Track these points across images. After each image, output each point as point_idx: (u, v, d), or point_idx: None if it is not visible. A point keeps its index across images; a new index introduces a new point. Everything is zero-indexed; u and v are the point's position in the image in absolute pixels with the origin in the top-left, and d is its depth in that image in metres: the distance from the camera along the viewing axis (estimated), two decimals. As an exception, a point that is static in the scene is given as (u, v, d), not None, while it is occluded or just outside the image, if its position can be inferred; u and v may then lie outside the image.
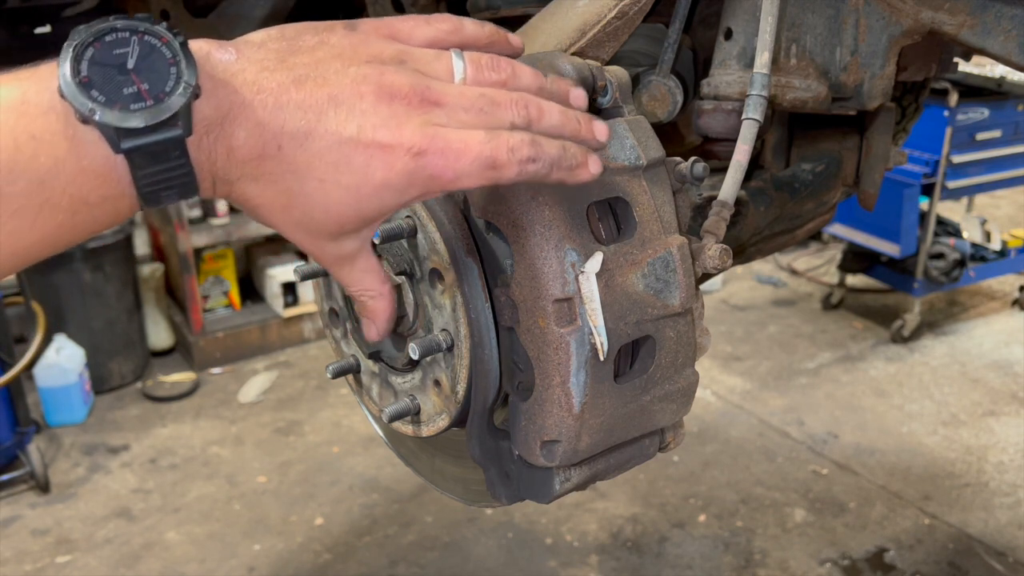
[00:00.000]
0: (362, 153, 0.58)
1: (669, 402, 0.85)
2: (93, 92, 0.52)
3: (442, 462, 1.04)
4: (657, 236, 0.81)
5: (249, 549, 3.31)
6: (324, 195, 0.59)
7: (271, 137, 0.57)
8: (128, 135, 0.53)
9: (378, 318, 0.74)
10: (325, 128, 0.58)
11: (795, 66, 1.11)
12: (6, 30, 1.70)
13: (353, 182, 0.59)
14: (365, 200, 0.60)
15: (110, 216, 0.56)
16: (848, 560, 3.26)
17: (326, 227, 0.62)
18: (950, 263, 4.73)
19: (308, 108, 0.58)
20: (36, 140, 0.51)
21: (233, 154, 0.57)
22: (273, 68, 0.59)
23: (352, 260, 0.68)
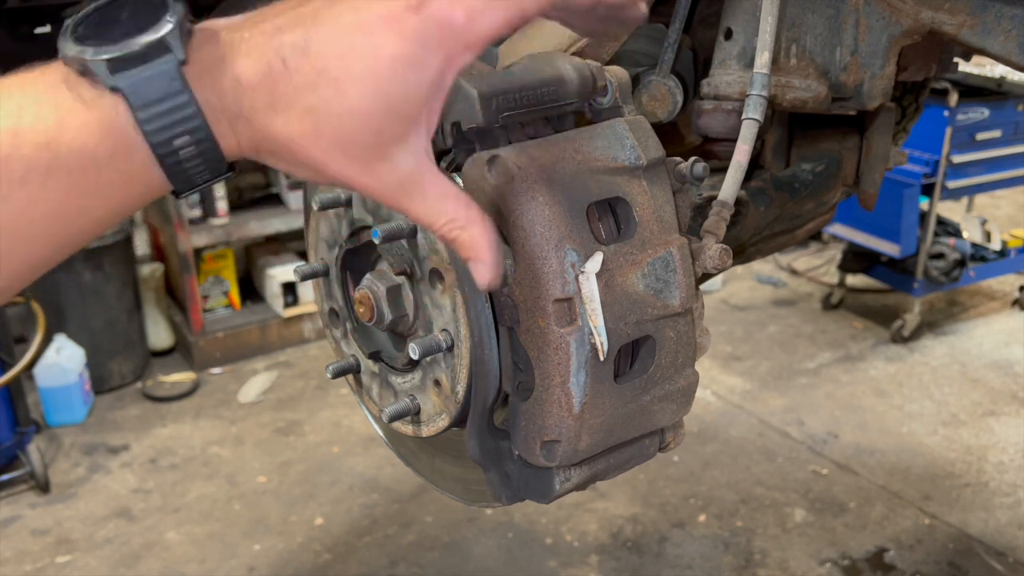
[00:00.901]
0: (363, 33, 0.53)
1: (669, 402, 0.85)
2: (87, 41, 0.51)
3: (442, 462, 1.04)
4: (657, 236, 0.81)
5: (249, 549, 3.31)
6: (343, 96, 0.54)
7: (273, 54, 0.53)
8: (119, 68, 0.51)
9: (481, 250, 0.61)
10: (322, 25, 0.54)
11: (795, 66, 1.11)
12: (6, 30, 1.70)
13: (367, 67, 0.53)
14: (385, 84, 0.54)
15: (126, 177, 0.53)
16: (848, 560, 3.26)
17: (364, 137, 0.55)
18: (950, 263, 4.73)
19: (302, 19, 0.54)
20: (39, 104, 0.51)
21: (240, 82, 0.53)
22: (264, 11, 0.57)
23: (419, 184, 0.58)
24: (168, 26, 0.51)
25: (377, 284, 0.92)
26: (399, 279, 0.92)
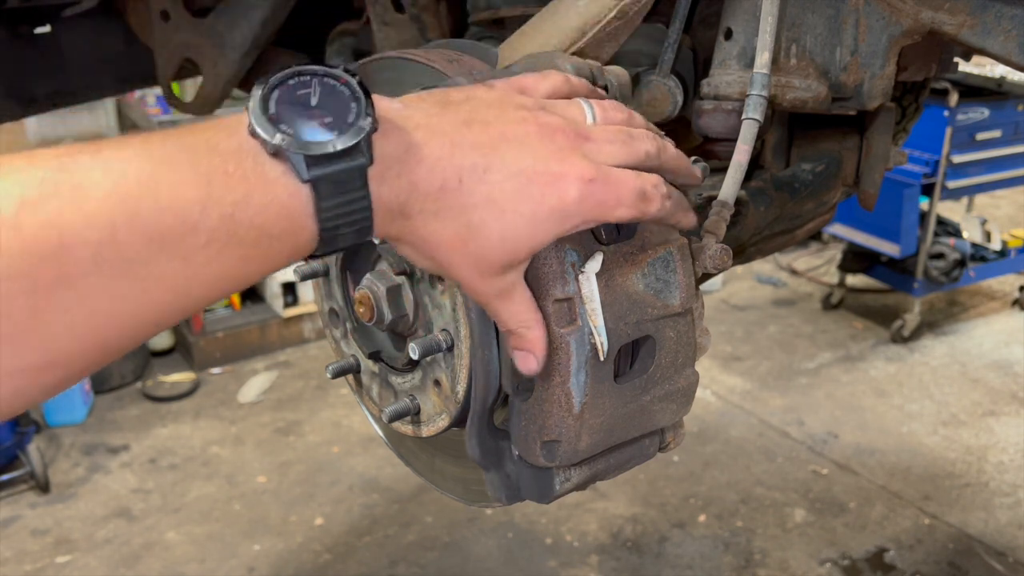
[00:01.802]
0: (538, 182, 0.62)
1: (669, 402, 0.85)
2: (281, 126, 0.55)
3: (442, 462, 1.04)
4: (657, 236, 0.81)
5: (249, 549, 3.31)
6: (503, 224, 0.62)
7: (452, 171, 0.60)
8: (315, 163, 0.55)
9: (537, 347, 0.72)
10: (501, 161, 0.62)
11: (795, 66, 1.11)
12: (6, 30, 1.70)
13: (531, 209, 0.63)
14: (540, 226, 0.64)
15: (288, 251, 0.57)
16: (848, 560, 3.26)
17: (499, 259, 0.65)
18: (950, 263, 4.73)
19: (482, 145, 0.62)
20: (228, 176, 0.54)
21: (416, 188, 0.60)
22: (439, 114, 0.62)
23: (511, 294, 0.69)
24: (364, 130, 0.56)
25: (377, 284, 0.92)
26: (399, 279, 0.92)
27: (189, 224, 0.52)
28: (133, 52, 1.81)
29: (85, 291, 0.50)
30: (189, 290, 0.54)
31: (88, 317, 0.50)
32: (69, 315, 0.50)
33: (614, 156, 0.67)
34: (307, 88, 0.58)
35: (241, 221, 0.54)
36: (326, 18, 1.62)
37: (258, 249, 0.55)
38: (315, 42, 1.66)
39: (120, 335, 0.53)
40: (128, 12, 1.70)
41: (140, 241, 0.50)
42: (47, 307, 0.49)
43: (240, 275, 0.56)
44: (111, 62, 1.85)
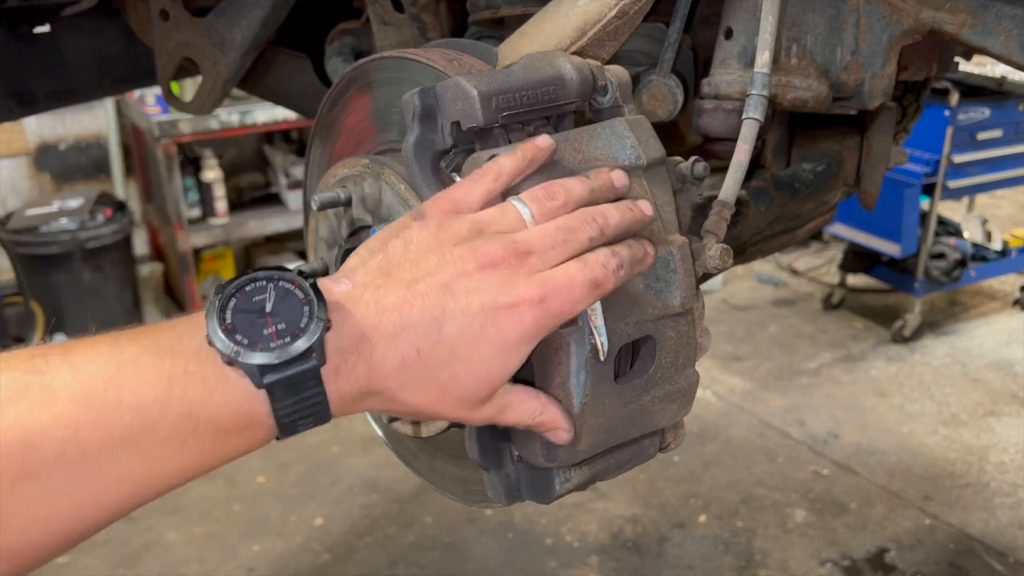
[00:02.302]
0: (492, 322, 0.65)
1: (669, 402, 0.84)
2: (237, 336, 0.58)
3: (442, 462, 1.04)
4: (657, 236, 0.80)
5: (248, 549, 3.31)
6: (473, 369, 0.66)
7: (408, 346, 0.63)
8: (268, 371, 0.58)
9: (559, 422, 0.75)
10: (452, 316, 0.64)
11: (796, 65, 1.11)
12: (6, 30, 1.70)
13: (493, 349, 0.66)
14: (508, 357, 0.67)
15: (246, 444, 0.61)
16: (849, 560, 3.26)
17: (480, 394, 0.68)
18: (951, 263, 4.72)
19: (430, 307, 0.64)
20: (187, 376, 0.57)
21: (374, 372, 0.63)
22: (383, 284, 0.65)
23: (506, 407, 0.72)
24: (315, 336, 0.59)
25: (376, 284, 0.92)
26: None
27: (149, 423, 0.55)
28: (133, 52, 1.81)
29: (47, 486, 0.52)
30: (148, 483, 0.57)
31: (50, 510, 0.53)
32: (31, 509, 0.52)
33: (558, 259, 0.69)
34: (262, 294, 0.61)
35: (199, 420, 0.57)
36: (326, 18, 1.62)
37: (215, 444, 0.58)
38: (315, 42, 1.66)
39: (82, 527, 0.55)
40: (128, 11, 1.70)
41: (102, 439, 0.53)
42: (10, 501, 0.51)
43: (198, 467, 0.59)
44: (111, 62, 1.85)
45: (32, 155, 5.05)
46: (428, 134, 0.80)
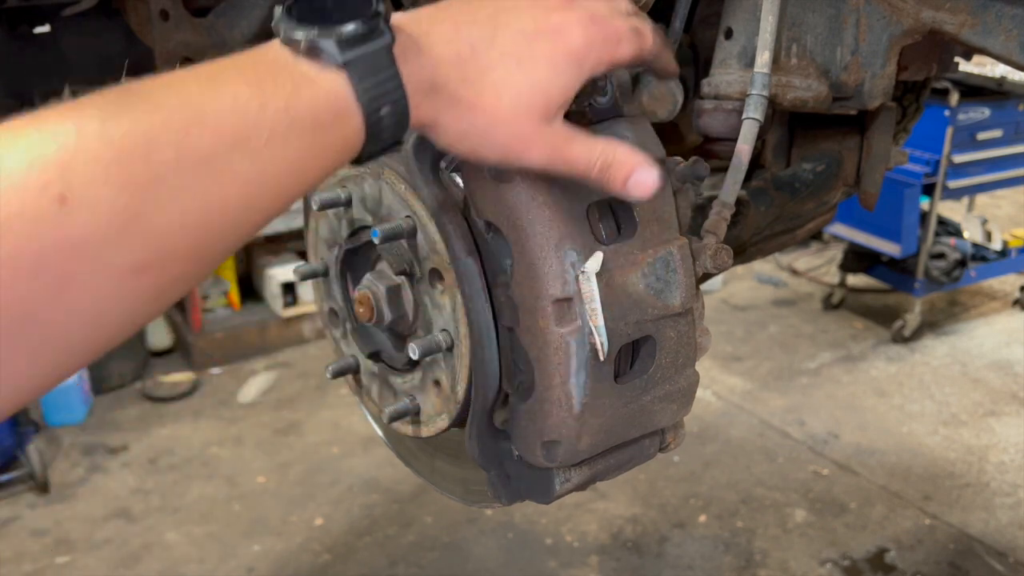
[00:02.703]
0: (543, 35, 0.69)
1: (669, 402, 0.84)
2: (310, 25, 0.62)
3: (442, 462, 1.04)
4: (657, 236, 0.80)
5: (249, 549, 3.31)
6: (526, 73, 0.68)
7: (463, 43, 0.67)
8: (346, 47, 0.61)
9: (636, 158, 0.72)
10: (504, 28, 0.68)
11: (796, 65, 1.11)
12: (6, 30, 1.70)
13: (545, 57, 0.69)
14: (561, 72, 0.69)
15: (340, 142, 0.62)
16: (848, 560, 3.25)
17: (537, 106, 0.69)
18: (951, 263, 4.72)
19: (481, 20, 0.68)
20: (275, 76, 0.60)
21: (437, 62, 0.66)
22: (436, 7, 0.69)
23: (571, 138, 0.72)
24: (381, 13, 0.63)
25: (377, 284, 0.92)
26: (399, 279, 0.92)
27: (250, 121, 0.57)
28: (133, 52, 1.81)
29: (173, 189, 0.54)
30: (262, 185, 0.59)
31: (179, 215, 0.55)
32: (161, 213, 0.54)
33: (602, 9, 0.73)
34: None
35: (296, 113, 0.59)
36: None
37: (315, 140, 0.60)
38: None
39: (209, 235, 0.57)
40: (128, 11, 1.70)
41: (212, 139, 0.56)
42: (141, 206, 0.53)
43: (302, 170, 0.61)
44: (111, 62, 1.85)
45: (32, 155, 5.05)
46: (428, 134, 0.80)
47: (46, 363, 0.53)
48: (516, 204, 0.75)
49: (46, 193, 0.50)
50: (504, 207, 0.76)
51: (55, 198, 0.50)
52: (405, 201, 0.87)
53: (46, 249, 0.49)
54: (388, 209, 0.90)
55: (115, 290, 0.53)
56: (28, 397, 0.55)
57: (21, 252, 0.49)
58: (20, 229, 0.49)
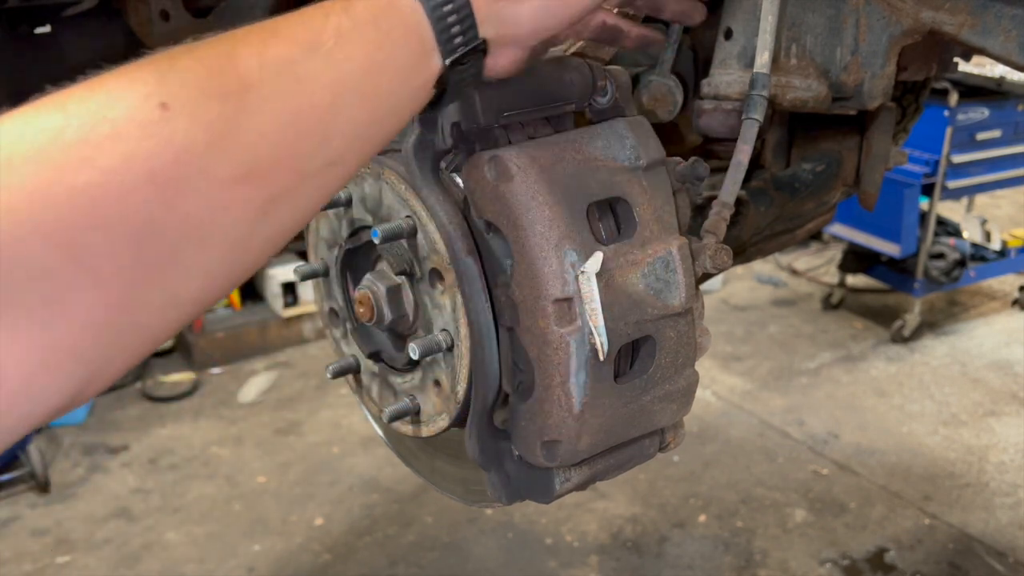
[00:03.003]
0: None
1: (669, 402, 0.85)
2: None
3: (442, 462, 1.04)
4: (657, 236, 0.81)
5: (249, 549, 3.31)
6: None
7: None
8: None
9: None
10: None
11: (795, 66, 1.11)
12: (6, 30, 1.70)
13: None
14: None
15: (403, 34, 0.64)
16: (848, 560, 3.26)
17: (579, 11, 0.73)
18: (950, 263, 4.73)
19: None
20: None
21: None
22: None
23: None
24: None
25: (377, 284, 0.92)
26: (399, 279, 0.92)
27: (317, 28, 0.61)
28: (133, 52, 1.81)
29: (262, 97, 0.57)
30: (342, 85, 0.61)
31: (270, 120, 0.57)
32: (254, 120, 0.56)
33: None
34: None
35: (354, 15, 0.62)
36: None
37: (378, 33, 0.63)
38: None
39: (301, 141, 0.59)
40: (128, 12, 1.70)
41: (287, 48, 0.59)
42: (235, 113, 0.55)
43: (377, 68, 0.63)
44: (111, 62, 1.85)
45: (32, 155, 5.05)
46: (428, 135, 0.80)
47: (165, 282, 0.55)
48: (516, 204, 0.75)
49: (149, 102, 0.53)
50: (504, 207, 0.76)
51: (157, 105, 0.53)
52: (405, 201, 0.87)
53: (156, 153, 0.52)
54: (388, 209, 0.90)
55: (221, 198, 0.55)
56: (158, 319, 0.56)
57: (136, 155, 0.51)
58: (132, 133, 0.51)
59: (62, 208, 0.49)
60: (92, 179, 0.50)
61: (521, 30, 0.72)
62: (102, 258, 0.50)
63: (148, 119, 0.52)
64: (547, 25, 0.73)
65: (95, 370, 0.54)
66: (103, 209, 0.50)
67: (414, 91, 0.67)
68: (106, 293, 0.52)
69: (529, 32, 0.73)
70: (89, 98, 0.53)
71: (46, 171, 0.49)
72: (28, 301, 0.49)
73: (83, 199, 0.49)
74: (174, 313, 0.57)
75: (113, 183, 0.50)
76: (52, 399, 0.53)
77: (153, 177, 0.51)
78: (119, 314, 0.53)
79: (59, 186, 0.49)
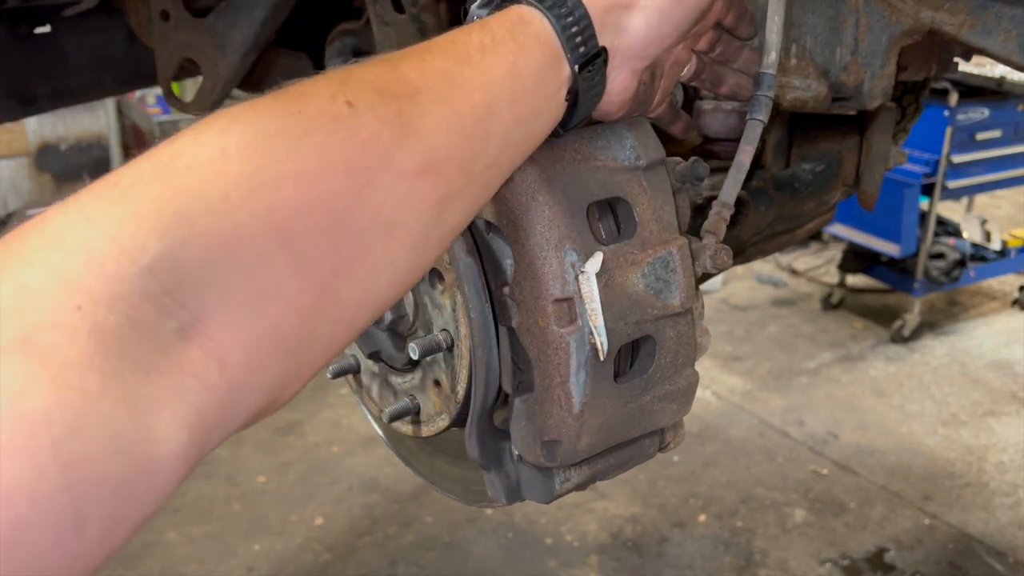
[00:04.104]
0: None
1: (669, 402, 0.85)
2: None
3: (442, 462, 1.04)
4: (657, 236, 0.81)
5: (249, 549, 3.31)
6: None
7: None
8: None
9: None
10: None
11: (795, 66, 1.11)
12: (6, 30, 1.70)
13: None
14: None
15: (536, 42, 0.70)
16: (848, 560, 3.26)
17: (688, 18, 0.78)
18: (950, 263, 4.73)
19: None
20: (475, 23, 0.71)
21: None
22: None
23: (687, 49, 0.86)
24: None
25: (377, 284, 0.92)
26: (399, 279, 0.92)
27: (464, 44, 0.67)
28: (133, 52, 1.81)
29: (429, 100, 0.62)
30: (493, 88, 0.66)
31: (440, 120, 0.62)
32: (426, 120, 0.61)
33: None
34: None
35: (493, 31, 0.69)
36: (326, 18, 1.62)
37: (514, 42, 0.69)
38: (315, 42, 1.66)
39: (466, 140, 0.64)
40: (128, 12, 1.70)
41: (443, 61, 0.65)
42: (410, 111, 0.61)
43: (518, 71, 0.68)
44: (111, 62, 1.85)
45: (33, 155, 5.05)
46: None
47: (359, 274, 0.58)
48: (516, 204, 0.75)
49: (336, 100, 0.58)
50: (504, 207, 0.76)
51: (344, 103, 0.58)
52: (405, 201, 0.87)
53: (348, 145, 0.57)
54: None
55: (405, 191, 0.59)
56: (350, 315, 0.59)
57: (331, 146, 0.56)
58: (324, 126, 0.56)
59: (273, 192, 0.53)
60: (295, 167, 0.54)
61: (633, 39, 0.75)
62: (307, 243, 0.54)
63: (338, 114, 0.57)
64: (658, 34, 0.76)
65: (296, 365, 0.58)
66: (306, 192, 0.54)
67: (550, 95, 0.71)
68: (311, 280, 0.55)
69: (641, 43, 0.76)
70: (285, 98, 0.58)
71: (257, 159, 0.53)
72: (245, 287, 0.51)
73: (290, 184, 0.53)
74: (364, 310, 0.61)
75: (312, 170, 0.54)
76: (261, 395, 0.55)
77: (346, 166, 0.56)
78: (320, 305, 0.56)
79: (266, 173, 0.53)
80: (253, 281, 0.51)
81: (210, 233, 0.49)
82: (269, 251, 0.52)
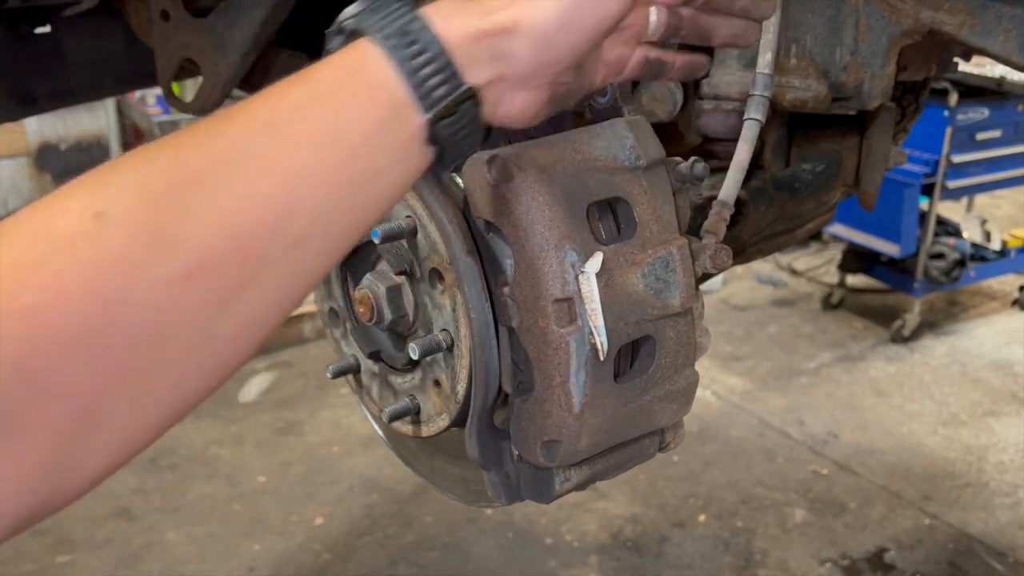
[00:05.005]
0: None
1: (669, 402, 0.85)
2: None
3: (442, 462, 1.04)
4: (657, 236, 0.81)
5: (249, 549, 3.31)
6: None
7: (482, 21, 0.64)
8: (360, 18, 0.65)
9: None
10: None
11: (795, 66, 1.11)
12: (6, 30, 1.70)
13: None
14: None
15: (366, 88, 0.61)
16: (848, 560, 3.26)
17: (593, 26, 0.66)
18: (950, 263, 4.73)
19: None
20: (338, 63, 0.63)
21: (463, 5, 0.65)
22: None
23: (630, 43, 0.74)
24: None
25: (377, 284, 0.92)
26: (399, 279, 0.92)
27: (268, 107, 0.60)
28: (133, 52, 1.81)
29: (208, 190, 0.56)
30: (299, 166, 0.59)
31: (219, 214, 0.56)
32: (198, 216, 0.55)
33: None
34: None
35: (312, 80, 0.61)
36: (326, 18, 1.62)
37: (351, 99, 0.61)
38: (315, 42, 1.66)
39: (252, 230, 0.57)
40: (128, 12, 1.70)
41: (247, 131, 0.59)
42: (175, 214, 0.54)
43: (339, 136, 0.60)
44: (111, 62, 1.85)
45: (33, 155, 5.05)
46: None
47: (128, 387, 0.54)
48: (516, 204, 0.75)
49: (85, 213, 0.53)
50: (504, 207, 0.76)
51: (92, 216, 0.53)
52: (405, 201, 0.87)
53: (94, 264, 0.52)
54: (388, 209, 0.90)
55: (167, 300, 0.54)
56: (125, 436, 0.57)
57: (69, 269, 0.51)
58: (65, 248, 0.52)
59: (7, 331, 0.49)
60: (29, 300, 0.50)
61: (521, 66, 0.65)
62: (53, 374, 0.51)
63: (83, 230, 0.52)
64: (552, 57, 0.65)
65: (50, 493, 0.57)
66: (46, 328, 0.50)
67: (395, 153, 0.62)
68: (65, 406, 0.52)
69: (532, 68, 0.65)
70: (30, 219, 0.54)
71: None
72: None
73: (16, 320, 0.49)
74: (149, 416, 0.57)
75: (49, 300, 0.50)
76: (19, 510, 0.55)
77: (90, 289, 0.51)
78: (82, 423, 0.53)
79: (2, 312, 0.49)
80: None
81: None
82: (8, 385, 0.50)
